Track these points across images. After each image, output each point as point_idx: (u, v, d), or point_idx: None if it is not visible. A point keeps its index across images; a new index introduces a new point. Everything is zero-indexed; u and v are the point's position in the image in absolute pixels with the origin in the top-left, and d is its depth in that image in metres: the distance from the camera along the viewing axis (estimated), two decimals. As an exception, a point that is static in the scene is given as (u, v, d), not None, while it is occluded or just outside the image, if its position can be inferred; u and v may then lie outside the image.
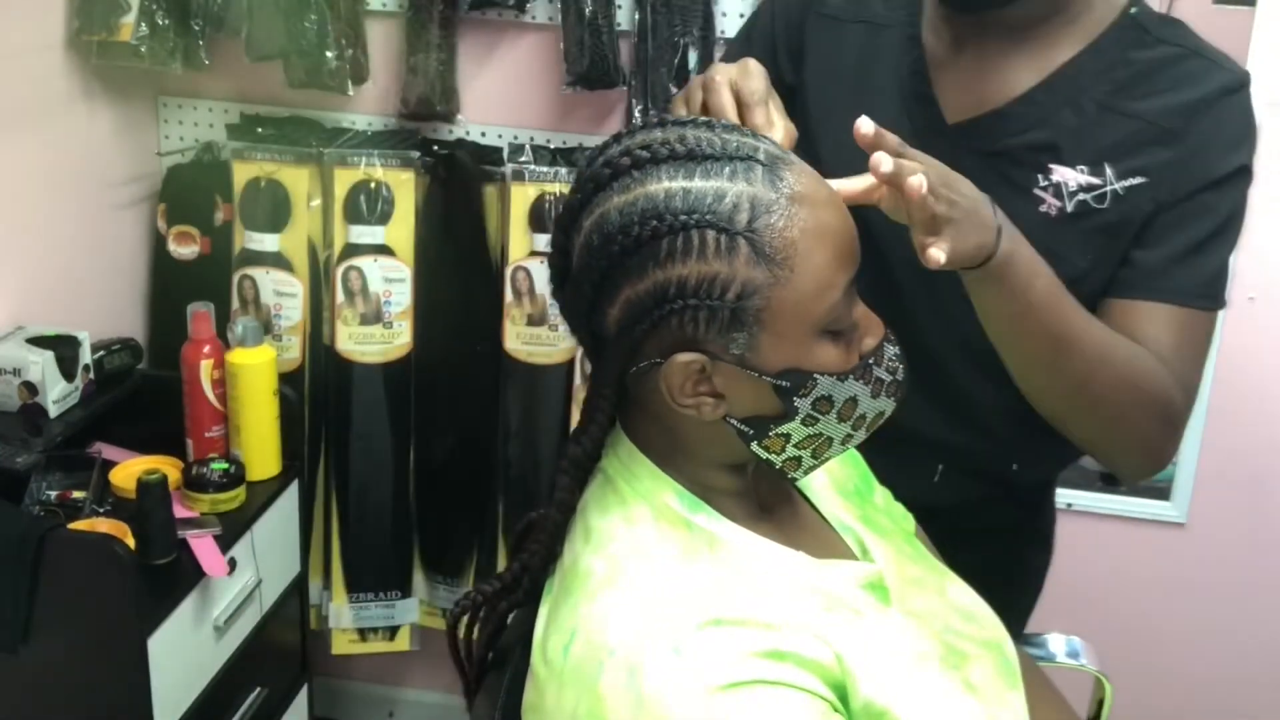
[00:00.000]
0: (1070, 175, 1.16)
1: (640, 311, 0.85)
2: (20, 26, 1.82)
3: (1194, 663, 2.25)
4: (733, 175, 0.84)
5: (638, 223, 0.83)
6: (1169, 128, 1.15)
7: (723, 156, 0.85)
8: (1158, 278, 1.16)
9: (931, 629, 0.95)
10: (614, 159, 0.87)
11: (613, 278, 0.85)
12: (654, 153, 0.85)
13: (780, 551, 0.91)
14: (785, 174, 0.86)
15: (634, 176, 0.85)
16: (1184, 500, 2.16)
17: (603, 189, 0.86)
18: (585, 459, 0.95)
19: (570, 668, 0.83)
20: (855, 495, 1.09)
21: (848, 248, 0.88)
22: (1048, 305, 1.06)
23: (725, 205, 0.83)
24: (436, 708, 2.50)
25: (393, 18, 2.05)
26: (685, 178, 0.84)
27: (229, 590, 1.71)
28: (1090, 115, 1.17)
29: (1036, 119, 1.18)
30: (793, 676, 0.80)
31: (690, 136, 0.86)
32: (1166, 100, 1.15)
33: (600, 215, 0.86)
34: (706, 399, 0.87)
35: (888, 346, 0.92)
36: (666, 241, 0.83)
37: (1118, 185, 1.15)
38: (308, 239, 2.05)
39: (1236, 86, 1.17)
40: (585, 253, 0.87)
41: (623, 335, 0.86)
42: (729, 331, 0.84)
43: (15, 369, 1.69)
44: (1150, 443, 1.17)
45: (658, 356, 0.86)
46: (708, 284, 0.83)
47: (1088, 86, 1.17)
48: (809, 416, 0.88)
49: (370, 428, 2.11)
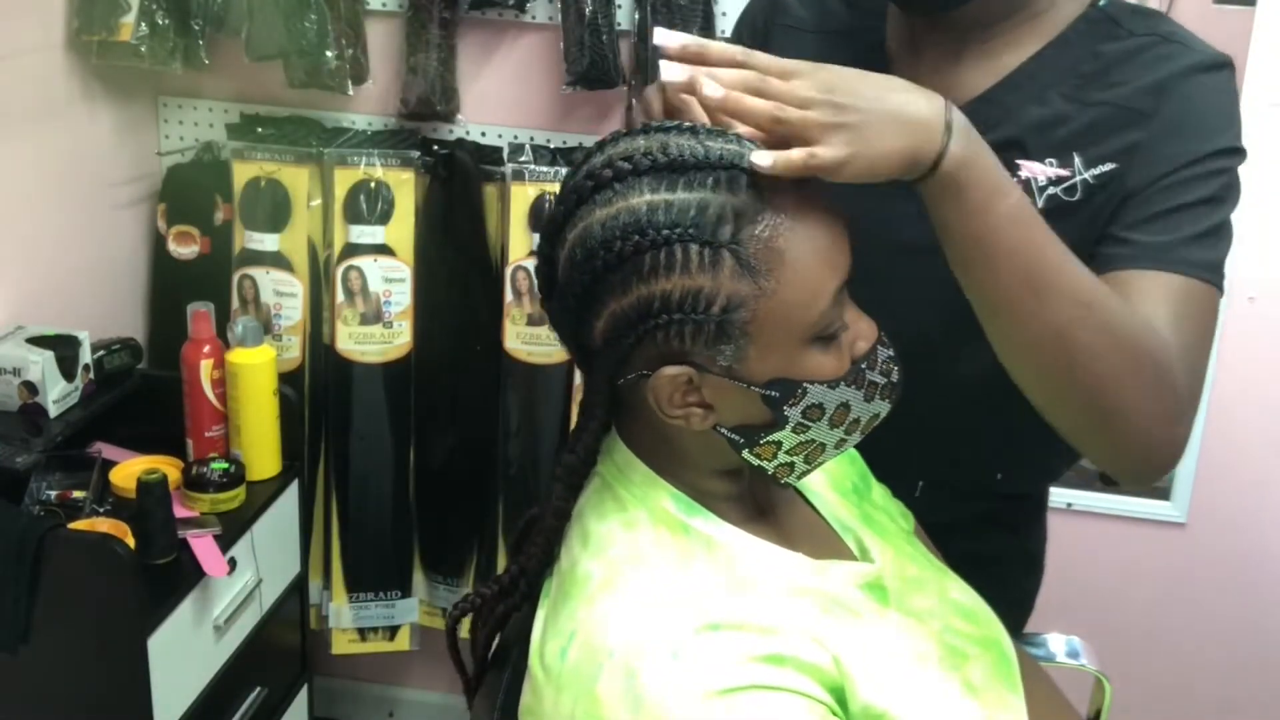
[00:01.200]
0: (1038, 169, 1.11)
1: (625, 326, 0.84)
2: (20, 26, 1.82)
3: (1194, 662, 2.26)
4: (715, 186, 0.83)
5: (620, 237, 0.83)
6: (1138, 108, 1.09)
7: (706, 166, 0.84)
8: (1150, 248, 1.04)
9: (931, 629, 0.95)
10: (596, 170, 0.86)
11: (597, 293, 0.85)
12: (635, 163, 0.84)
13: (778, 554, 0.91)
14: (770, 180, 0.84)
15: (616, 189, 0.84)
16: (1184, 500, 2.16)
17: (585, 201, 0.86)
18: (580, 466, 0.94)
19: (568, 671, 0.83)
20: (854, 493, 1.09)
21: (836, 253, 0.86)
22: (1016, 227, 0.92)
23: (708, 218, 0.82)
24: (436, 708, 2.50)
25: (393, 18, 2.05)
26: (668, 189, 0.83)
27: (229, 590, 1.71)
28: (1055, 108, 1.12)
29: (999, 117, 1.12)
30: (791, 681, 0.80)
31: (673, 145, 0.85)
32: (1135, 84, 1.10)
33: (583, 229, 0.85)
34: (695, 410, 0.87)
35: (880, 349, 0.91)
36: (649, 256, 0.82)
37: (1087, 174, 1.10)
38: (308, 239, 2.05)
39: (1210, 65, 1.10)
40: (569, 266, 0.86)
41: (609, 348, 0.86)
42: (716, 344, 0.84)
43: (15, 369, 1.69)
44: (1150, 426, 0.98)
45: (645, 369, 0.86)
46: (692, 298, 0.82)
47: (1053, 81, 1.13)
48: (800, 424, 0.88)
49: (370, 428, 2.11)
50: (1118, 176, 1.09)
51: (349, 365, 2.07)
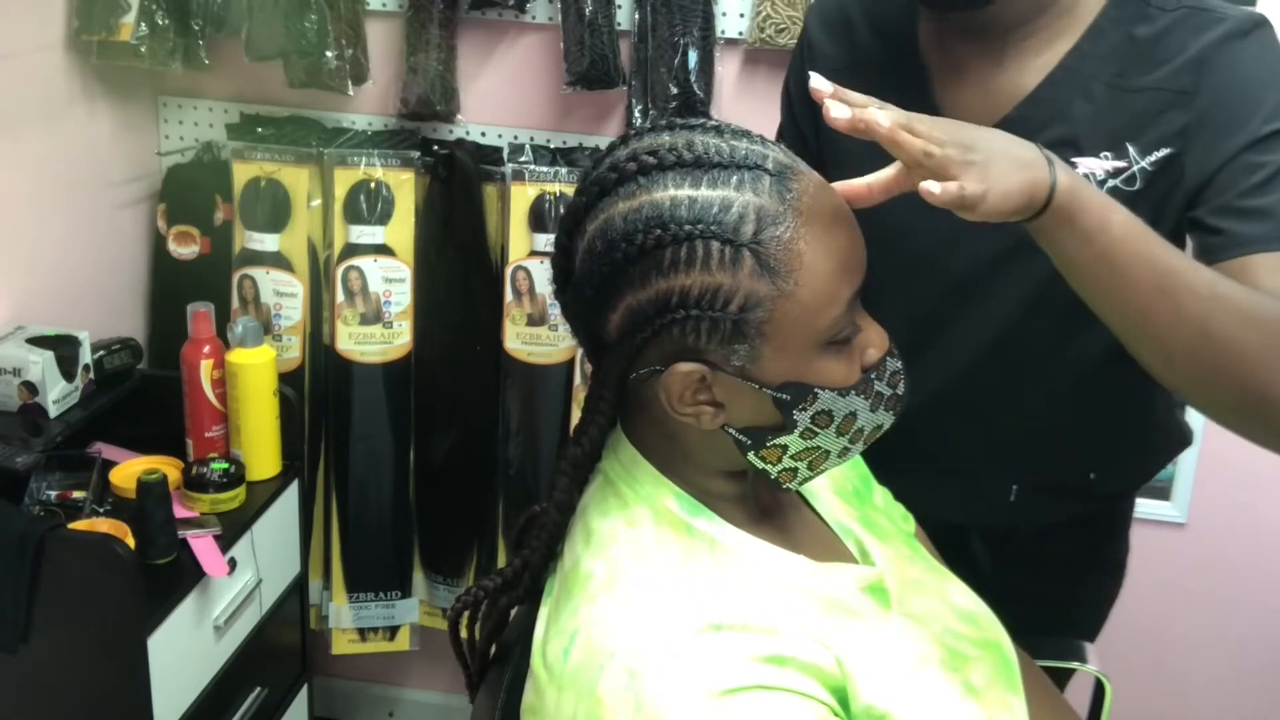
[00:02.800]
0: (1095, 164, 1.12)
1: (642, 319, 0.84)
2: (20, 26, 1.82)
3: (1194, 663, 2.25)
4: (739, 185, 0.84)
5: (642, 230, 0.83)
6: (1180, 89, 1.09)
7: (730, 165, 0.84)
8: (1252, 236, 1.03)
9: (932, 631, 0.95)
10: (620, 163, 0.86)
11: (615, 284, 0.85)
12: (660, 159, 0.85)
13: (780, 555, 0.91)
14: (793, 184, 0.85)
15: (640, 183, 0.85)
16: (1184, 500, 2.16)
17: (608, 193, 0.86)
18: (585, 460, 0.94)
19: (570, 671, 0.83)
20: (855, 496, 1.09)
21: (854, 260, 0.87)
22: (1133, 239, 0.94)
23: (731, 216, 0.83)
24: (436, 708, 2.50)
25: (393, 18, 2.05)
26: (691, 186, 0.84)
27: (229, 590, 1.71)
28: (1102, 100, 1.13)
29: (1047, 116, 1.14)
30: (793, 681, 0.80)
31: (698, 142, 0.86)
32: (1173, 63, 1.10)
33: (604, 220, 0.85)
34: (706, 408, 0.87)
35: (890, 360, 0.91)
36: (670, 251, 0.82)
37: (1144, 162, 1.10)
38: (308, 239, 2.05)
39: (1247, 28, 1.09)
40: (588, 258, 0.86)
41: (624, 341, 0.86)
42: (730, 343, 0.84)
43: (15, 369, 1.69)
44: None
45: (658, 364, 0.86)
46: (710, 295, 0.83)
47: (1095, 71, 1.14)
48: (808, 430, 0.88)
49: (370, 428, 2.11)
50: (1175, 159, 1.10)
51: (349, 365, 2.07)
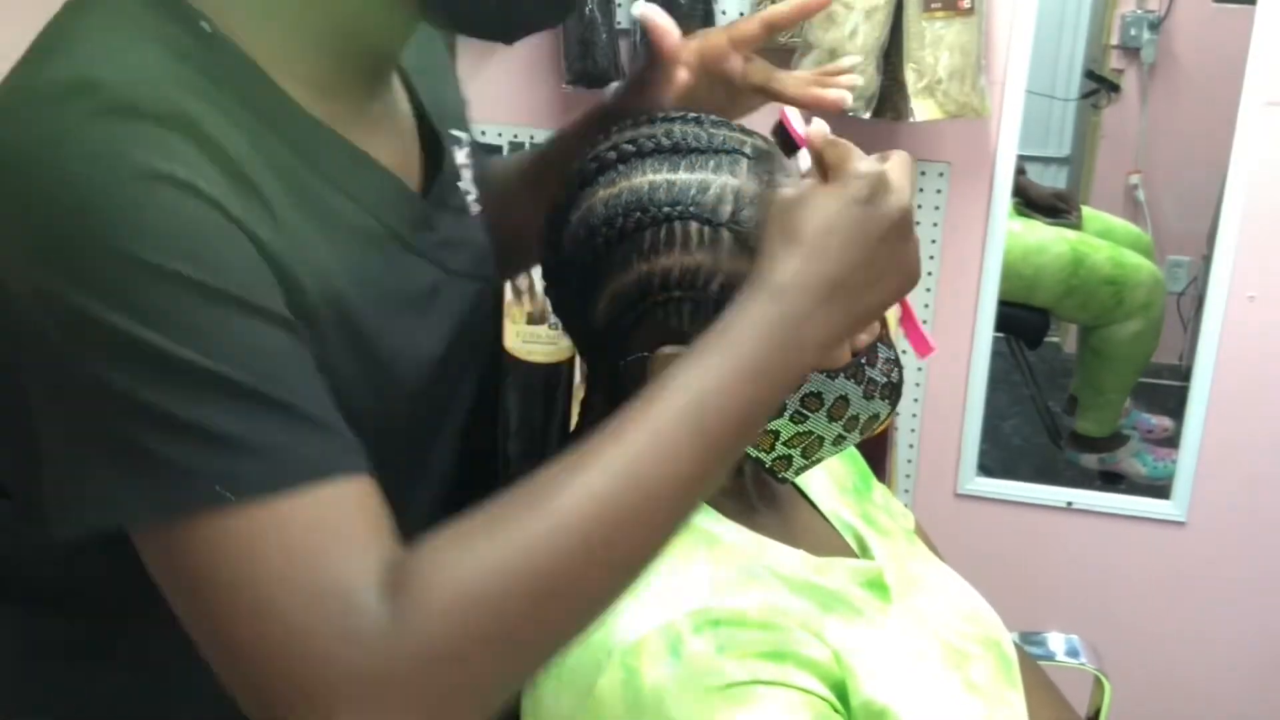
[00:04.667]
0: None
1: (626, 304, 0.85)
2: (21, 27, 1.82)
3: (1194, 662, 2.25)
4: (717, 168, 0.85)
5: (621, 214, 0.84)
6: None
7: (708, 150, 0.86)
8: None
9: (931, 627, 0.95)
10: (601, 154, 0.87)
11: (598, 271, 0.86)
12: (639, 146, 0.86)
13: (779, 550, 0.91)
14: (771, 167, 0.86)
15: (619, 170, 0.86)
16: (1184, 500, 2.16)
17: (589, 184, 0.87)
18: None
19: (567, 668, 0.83)
20: (854, 492, 1.09)
21: None
22: None
23: (709, 197, 0.83)
24: (436, 707, 2.49)
25: (393, 17, 2.05)
26: (670, 170, 0.85)
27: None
28: None
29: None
30: (791, 677, 0.80)
31: (677, 131, 0.87)
32: None
33: (586, 209, 0.86)
34: None
35: (882, 347, 0.91)
36: (650, 233, 0.83)
37: None
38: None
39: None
40: (572, 246, 0.87)
41: (611, 328, 0.87)
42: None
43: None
44: None
45: (646, 349, 0.86)
46: (691, 275, 0.83)
47: None
48: (797, 413, 0.88)
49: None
50: None
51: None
